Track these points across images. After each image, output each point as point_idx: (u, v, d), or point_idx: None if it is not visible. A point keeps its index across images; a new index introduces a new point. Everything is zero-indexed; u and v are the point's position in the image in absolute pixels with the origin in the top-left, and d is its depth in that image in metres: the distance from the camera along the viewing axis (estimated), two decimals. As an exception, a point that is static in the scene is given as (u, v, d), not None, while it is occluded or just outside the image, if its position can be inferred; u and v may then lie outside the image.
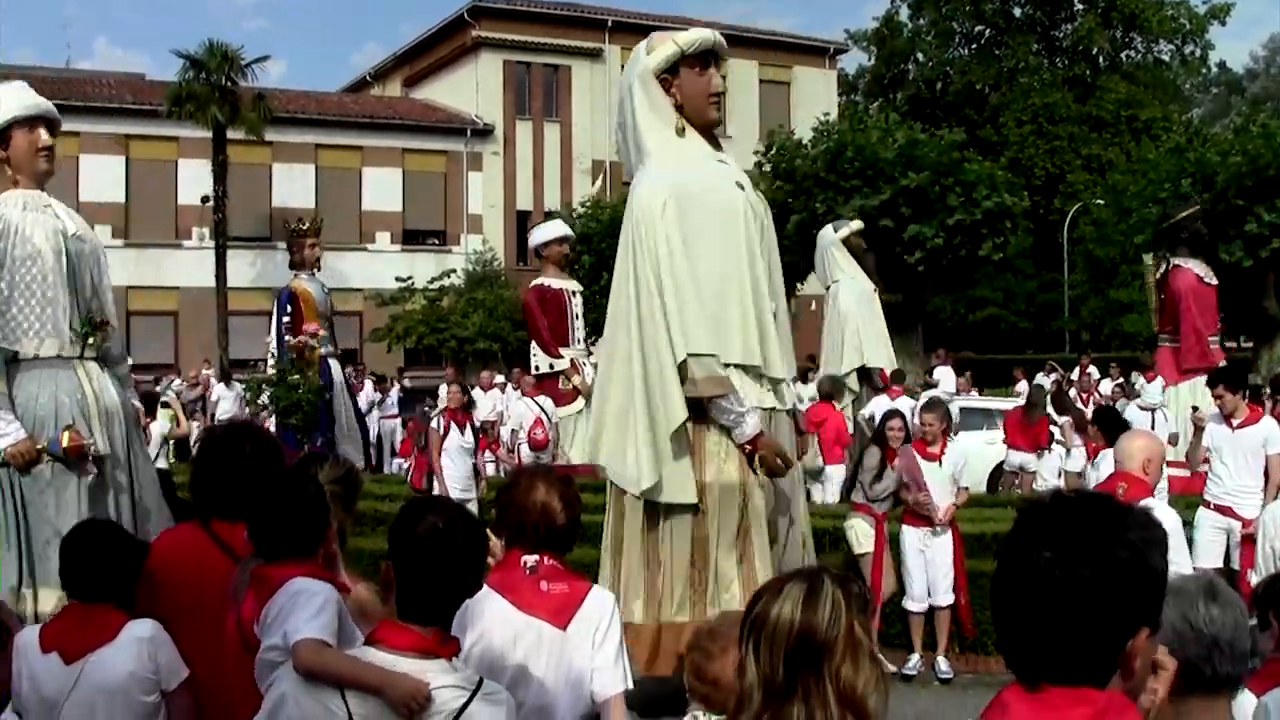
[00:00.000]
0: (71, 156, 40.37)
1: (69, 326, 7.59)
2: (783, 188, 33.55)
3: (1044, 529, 2.30)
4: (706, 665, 3.40)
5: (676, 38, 6.85)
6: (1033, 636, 2.27)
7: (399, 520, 3.43)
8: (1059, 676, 2.26)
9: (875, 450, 10.59)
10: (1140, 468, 7.02)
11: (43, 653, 4.33)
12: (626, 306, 6.76)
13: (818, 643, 2.67)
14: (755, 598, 2.79)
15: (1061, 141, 56.81)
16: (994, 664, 10.39)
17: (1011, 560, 2.32)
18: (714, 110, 6.95)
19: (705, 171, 6.86)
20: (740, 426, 6.49)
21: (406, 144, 45.11)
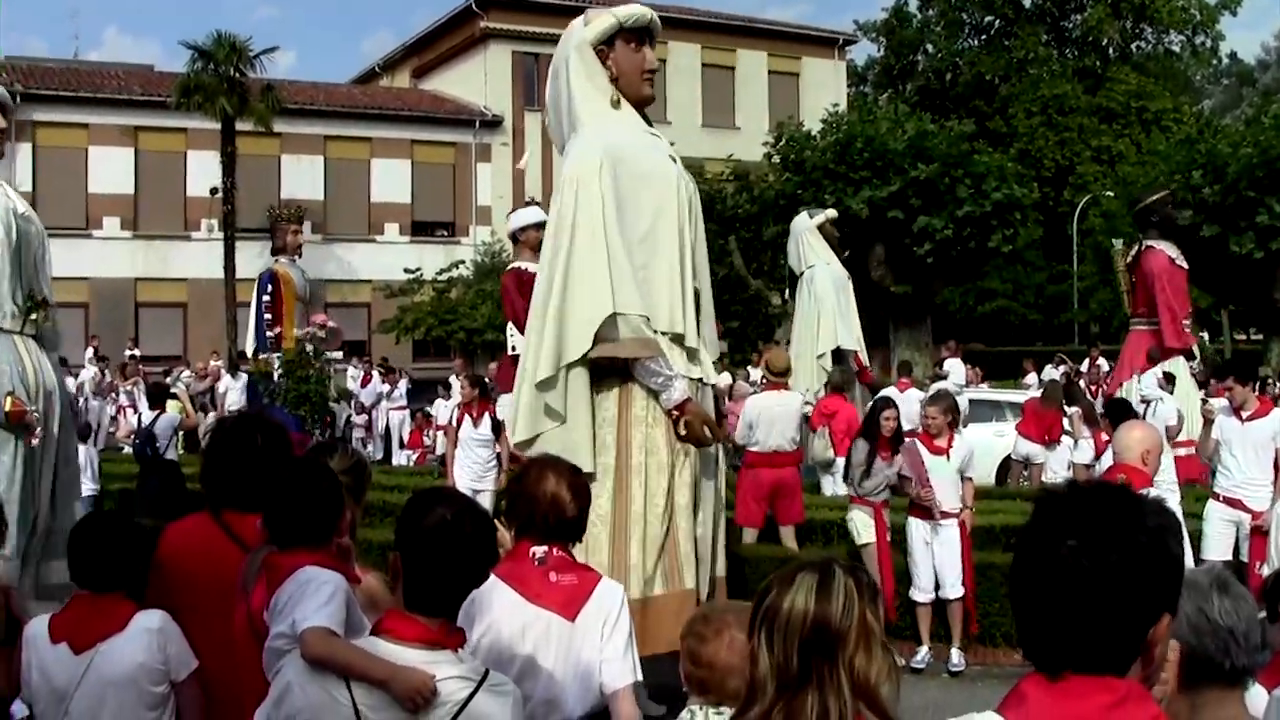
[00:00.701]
0: (80, 148, 40.52)
1: (12, 301, 7.77)
2: (791, 179, 33.51)
3: (1069, 517, 2.29)
4: (701, 649, 3.41)
5: (615, 11, 6.97)
6: (1057, 625, 2.26)
7: (406, 511, 3.43)
8: (1082, 665, 2.26)
9: (862, 444, 10.59)
10: (1139, 459, 7.04)
11: (52, 643, 4.34)
12: (552, 275, 6.70)
13: (831, 632, 2.67)
14: (765, 588, 2.78)
15: (1071, 133, 56.73)
16: (1002, 656, 10.38)
17: (1035, 549, 2.31)
18: (648, 86, 7.09)
19: (639, 140, 6.93)
20: (668, 391, 6.50)
21: (415, 135, 45.09)
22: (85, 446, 15.24)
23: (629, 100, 7.00)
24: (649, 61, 7.02)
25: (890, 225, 31.07)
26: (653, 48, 7.07)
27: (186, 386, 21.75)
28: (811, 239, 16.85)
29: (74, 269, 39.20)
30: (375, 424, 25.08)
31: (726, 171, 37.76)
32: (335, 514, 4.12)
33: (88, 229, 40.64)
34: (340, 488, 4.23)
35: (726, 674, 3.31)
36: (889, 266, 32.29)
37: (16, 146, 38.90)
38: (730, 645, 3.33)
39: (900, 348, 32.58)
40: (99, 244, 40.43)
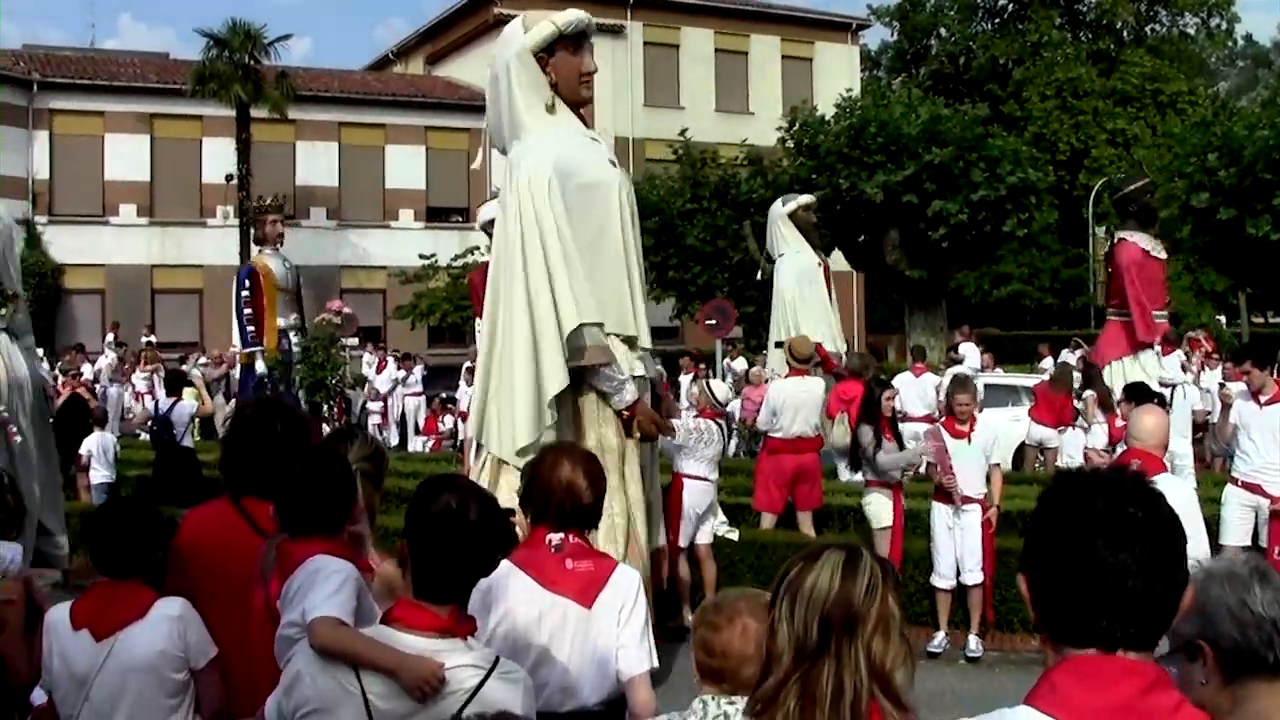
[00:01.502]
0: (96, 136, 40.59)
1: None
2: (805, 164, 33.46)
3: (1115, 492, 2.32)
4: (714, 638, 3.39)
5: (554, 18, 7.11)
6: (1094, 601, 2.27)
7: (414, 498, 3.45)
8: (1120, 642, 2.27)
9: (867, 429, 10.60)
10: (1158, 444, 7.03)
11: (73, 630, 4.36)
12: (510, 283, 6.87)
13: (853, 611, 2.67)
14: (789, 566, 2.79)
15: (1086, 116, 56.48)
16: (1020, 642, 10.38)
17: (1080, 523, 2.30)
18: (586, 89, 7.20)
19: (582, 149, 7.03)
20: (620, 394, 6.71)
21: (429, 121, 45.06)
22: (102, 433, 15.32)
23: (568, 104, 7.11)
24: (586, 65, 7.15)
25: (904, 210, 31.00)
26: (590, 52, 7.21)
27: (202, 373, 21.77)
28: (783, 227, 16.79)
29: (91, 256, 39.44)
30: (391, 410, 25.13)
31: (740, 156, 37.68)
32: (347, 502, 4.13)
33: (104, 216, 40.76)
34: (352, 476, 4.24)
35: (741, 662, 3.30)
36: (903, 251, 32.24)
37: (34, 134, 39.14)
38: (744, 633, 3.31)
39: (915, 332, 32.54)
40: (115, 231, 40.54)
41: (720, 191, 35.54)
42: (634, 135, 46.95)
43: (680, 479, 10.94)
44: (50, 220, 39.84)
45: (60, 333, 37.72)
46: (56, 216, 39.99)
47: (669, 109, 46.33)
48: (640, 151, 46.52)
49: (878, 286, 49.75)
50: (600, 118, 46.41)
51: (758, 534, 11.69)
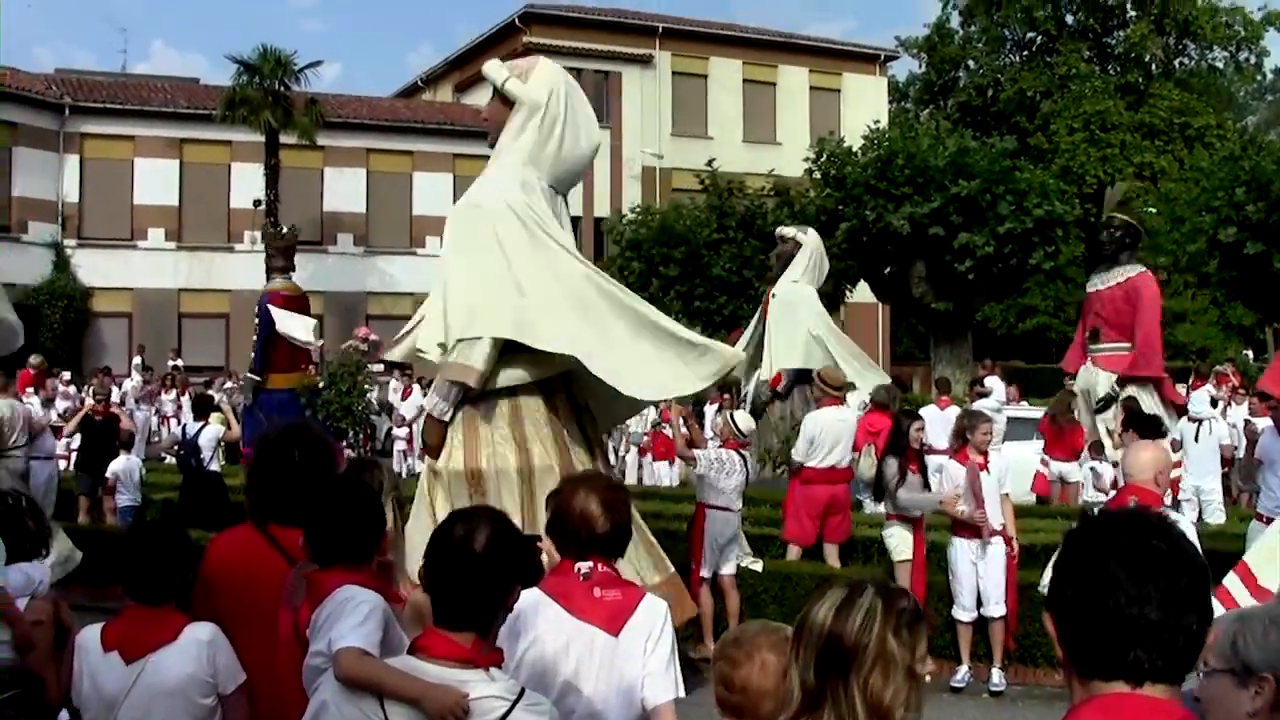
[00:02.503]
0: (126, 160, 40.84)
1: None
2: (832, 195, 33.48)
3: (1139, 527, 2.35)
4: (733, 673, 3.37)
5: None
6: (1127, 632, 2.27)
7: (436, 528, 3.48)
8: (1148, 675, 2.27)
9: (892, 460, 10.56)
10: (1152, 480, 7.03)
11: (104, 652, 4.40)
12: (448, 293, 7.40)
13: (845, 648, 2.67)
14: (807, 607, 2.80)
15: (1113, 149, 56.38)
16: (1043, 676, 10.32)
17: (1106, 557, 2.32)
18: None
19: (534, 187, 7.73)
20: (435, 404, 7.27)
21: (457, 149, 45.15)
22: (128, 456, 15.39)
23: None
24: None
25: (931, 242, 30.98)
26: None
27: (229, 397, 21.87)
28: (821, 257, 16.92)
29: (119, 279, 39.62)
30: (416, 437, 25.15)
31: (767, 187, 37.73)
32: (375, 533, 4.15)
33: (133, 240, 40.97)
34: (379, 505, 4.26)
35: (760, 698, 3.28)
36: (929, 283, 32.21)
37: (64, 158, 39.39)
38: (763, 668, 3.30)
39: (940, 364, 32.48)
40: (143, 255, 40.74)
41: (747, 222, 35.59)
42: (661, 164, 47.07)
43: (703, 509, 10.95)
44: (79, 243, 40.05)
45: (88, 355, 37.91)
46: (86, 240, 40.21)
47: (697, 139, 46.47)
48: (667, 181, 46.64)
49: (903, 318, 49.73)
50: (628, 146, 46.62)
51: (782, 565, 11.67)
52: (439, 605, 3.37)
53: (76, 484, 15.95)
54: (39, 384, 20.19)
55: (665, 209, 38.66)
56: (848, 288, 36.34)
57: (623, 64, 47.50)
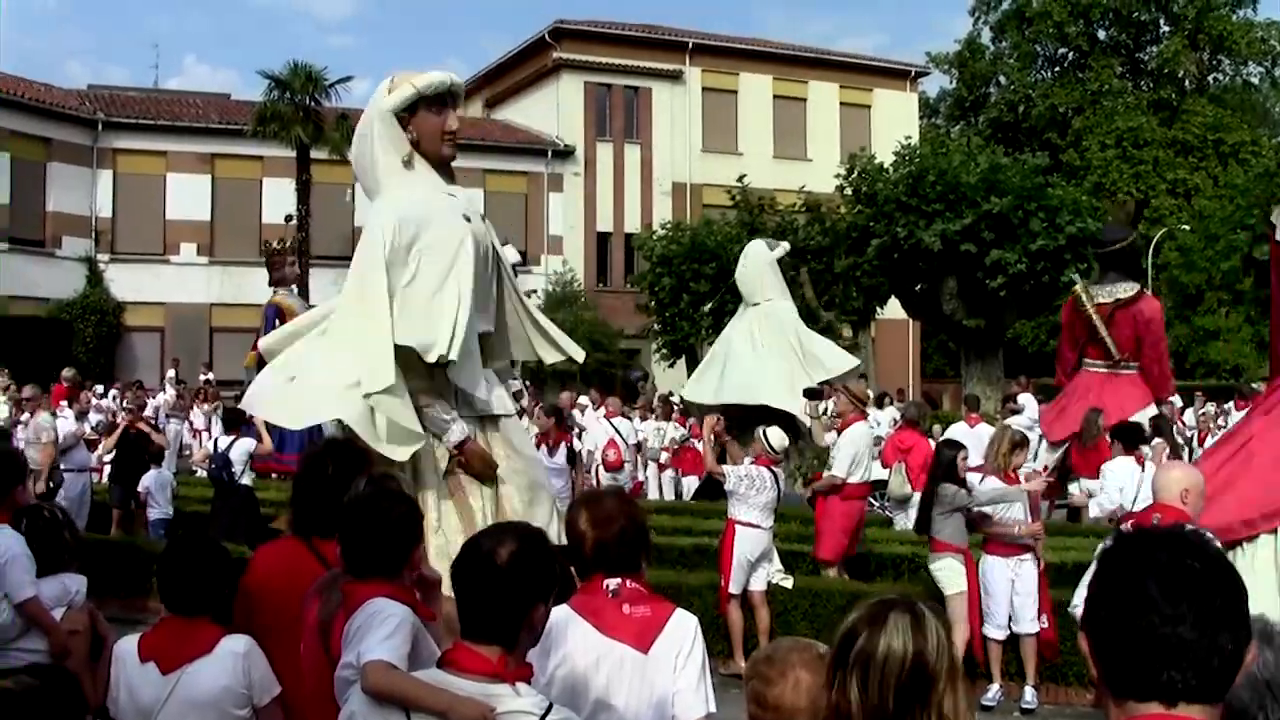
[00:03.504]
0: (158, 175, 41.12)
1: None
2: (863, 211, 33.45)
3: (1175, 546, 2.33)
4: (767, 691, 3.34)
5: (414, 80, 7.25)
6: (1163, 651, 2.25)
7: (465, 542, 3.51)
8: (1183, 695, 2.25)
9: (949, 485, 10.35)
10: (1179, 498, 6.98)
11: (140, 662, 4.43)
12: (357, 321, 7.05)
13: (928, 673, 2.68)
14: (851, 630, 2.76)
15: (1146, 166, 56.20)
16: (1075, 695, 10.26)
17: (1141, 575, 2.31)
18: (448, 147, 7.40)
19: (430, 205, 7.24)
20: (447, 433, 6.86)
21: (488, 165, 45.30)
22: (159, 469, 15.46)
23: (430, 161, 7.33)
24: (449, 124, 7.35)
25: (963, 258, 30.91)
26: (455, 109, 7.44)
27: (260, 411, 21.89)
28: (770, 272, 16.83)
29: (151, 294, 39.88)
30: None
31: (798, 203, 37.69)
32: (406, 545, 4.16)
33: (165, 255, 41.24)
34: (416, 518, 4.27)
35: (794, 715, 3.26)
36: (961, 300, 32.13)
37: (97, 173, 39.68)
38: (796, 686, 3.27)
39: (971, 382, 32.37)
40: (176, 270, 40.99)
41: (777, 237, 35.53)
42: (692, 181, 47.11)
43: (733, 525, 10.93)
44: (112, 258, 40.33)
45: (120, 369, 38.15)
46: (118, 255, 40.48)
47: (727, 155, 46.48)
48: (698, 197, 46.66)
49: (934, 335, 49.60)
50: (658, 163, 46.69)
51: (812, 581, 11.63)
52: (465, 617, 3.38)
53: (110, 496, 16.02)
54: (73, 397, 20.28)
55: (696, 225, 38.68)
56: (878, 305, 36.30)
57: (653, 80, 47.58)
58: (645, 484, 20.57)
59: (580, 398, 25.17)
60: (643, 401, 23.24)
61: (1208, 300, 47.25)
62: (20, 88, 39.27)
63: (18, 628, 5.88)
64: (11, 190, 37.49)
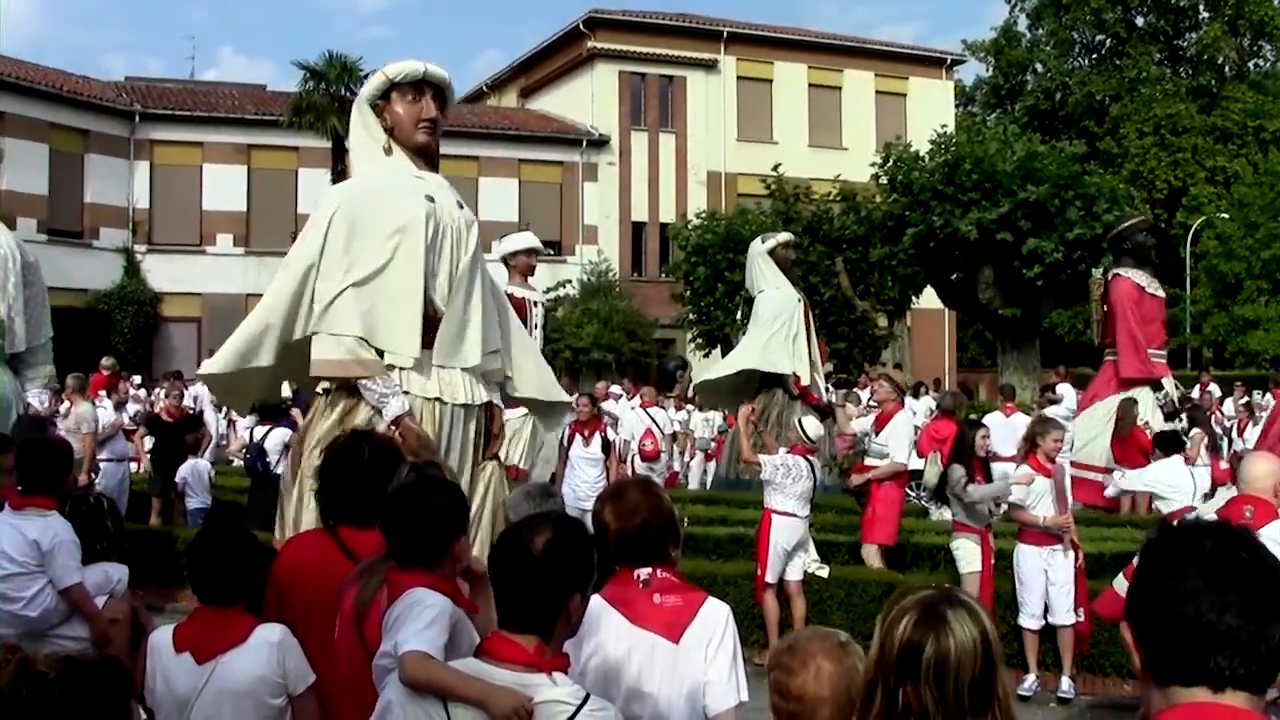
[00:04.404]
0: (195, 166, 41.33)
1: None
2: (899, 200, 33.33)
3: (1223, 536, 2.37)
4: (789, 681, 3.33)
5: (386, 69, 7.44)
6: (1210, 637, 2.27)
7: (503, 531, 3.56)
8: (1230, 681, 2.27)
9: (958, 467, 10.44)
10: (1272, 490, 6.88)
11: (175, 653, 4.46)
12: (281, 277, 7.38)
13: (993, 658, 2.73)
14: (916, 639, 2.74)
15: (1185, 153, 55.75)
16: (1112, 686, 10.21)
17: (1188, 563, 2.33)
18: (422, 133, 7.50)
19: (392, 185, 7.37)
20: (385, 406, 6.90)
21: (522, 154, 45.37)
22: (195, 459, 15.55)
23: (406, 148, 7.46)
24: (425, 111, 7.46)
25: (999, 247, 30.77)
26: (442, 100, 7.59)
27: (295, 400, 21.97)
28: (762, 264, 16.74)
29: (188, 284, 40.11)
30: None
31: (833, 192, 37.58)
32: (446, 535, 4.15)
33: (201, 245, 41.46)
34: (459, 507, 4.27)
35: (816, 705, 3.25)
36: (997, 289, 31.99)
37: (134, 164, 39.91)
38: (818, 676, 3.27)
39: (1008, 371, 32.25)
40: (212, 260, 41.20)
41: (813, 227, 35.47)
42: (726, 170, 47.02)
43: (769, 514, 10.92)
44: (149, 249, 40.58)
45: (158, 359, 38.39)
46: (155, 245, 40.72)
47: (762, 144, 46.37)
48: (733, 186, 46.57)
49: (970, 324, 49.40)
50: (693, 152, 46.63)
51: (848, 571, 11.61)
52: (501, 607, 3.40)
53: (150, 486, 16.13)
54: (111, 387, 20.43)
55: (731, 214, 38.60)
56: (913, 294, 36.18)
57: (687, 69, 47.50)
58: (685, 473, 20.56)
59: (613, 387, 25.17)
60: (678, 391, 23.19)
61: (1247, 289, 46.87)
62: (59, 80, 39.55)
63: (61, 614, 5.94)
64: (50, 182, 37.75)
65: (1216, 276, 48.11)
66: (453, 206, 7.51)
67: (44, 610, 5.88)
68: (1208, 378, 29.13)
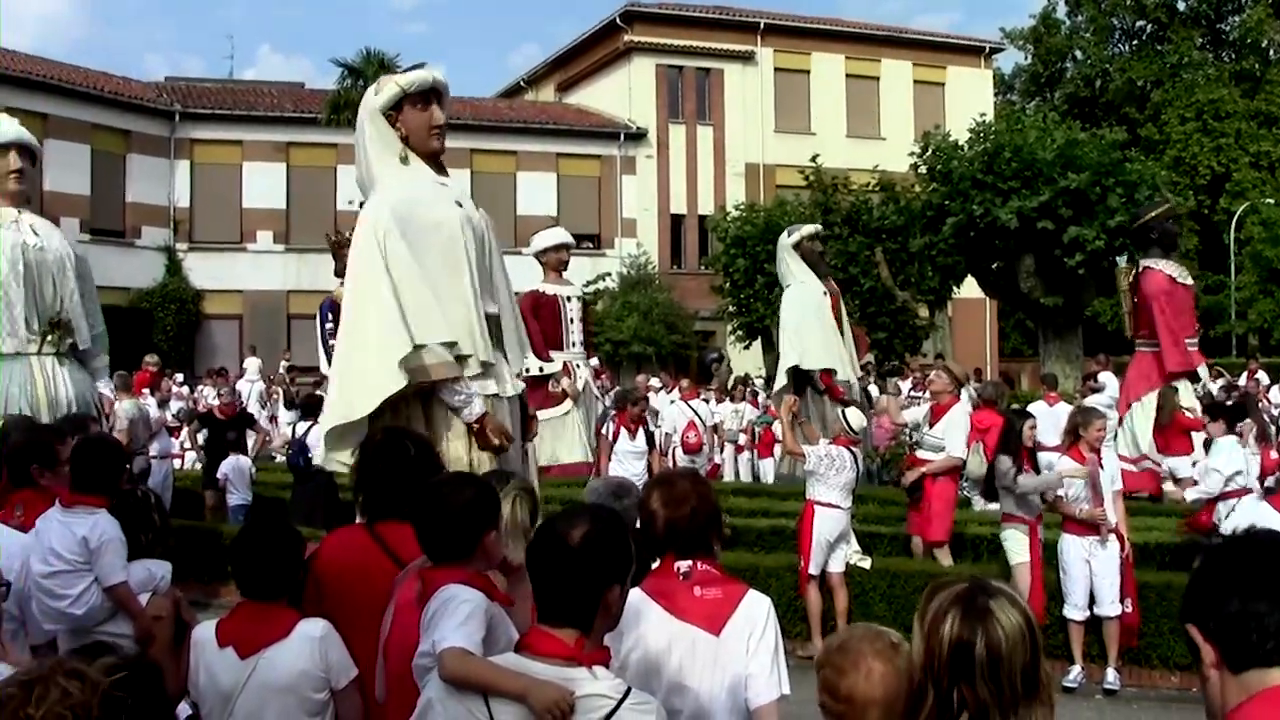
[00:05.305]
0: (234, 164, 41.60)
1: (27, 326, 8.88)
2: (938, 190, 33.13)
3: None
4: (839, 681, 3.29)
5: (398, 79, 7.52)
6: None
7: (540, 525, 3.56)
8: None
9: (1006, 458, 10.32)
10: None
11: (219, 648, 4.49)
12: (366, 307, 7.27)
13: (1037, 641, 2.77)
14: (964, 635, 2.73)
15: (1228, 138, 55.23)
16: (1159, 678, 10.12)
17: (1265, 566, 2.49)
18: (435, 140, 7.62)
19: (424, 194, 7.47)
20: (469, 407, 7.05)
21: (560, 148, 45.42)
22: (237, 456, 15.64)
23: (421, 155, 7.57)
24: (435, 119, 7.56)
25: (1040, 236, 30.55)
26: (442, 105, 7.62)
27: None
28: (789, 258, 16.67)
29: (229, 282, 40.37)
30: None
31: (872, 182, 37.43)
32: (474, 531, 4.16)
33: (241, 243, 41.71)
34: (488, 502, 4.27)
35: (866, 707, 3.21)
36: (1039, 278, 31.76)
37: (175, 163, 40.18)
38: (868, 676, 3.22)
39: (1050, 360, 32.03)
40: (252, 257, 41.45)
41: (852, 218, 35.36)
42: (765, 161, 46.94)
43: (812, 506, 10.88)
44: (190, 247, 40.89)
45: (200, 356, 38.67)
46: (196, 244, 41.02)
47: (800, 135, 46.23)
48: (771, 177, 46.49)
49: (1011, 314, 49.14)
50: (731, 144, 46.57)
51: (890, 562, 11.55)
52: (540, 601, 3.40)
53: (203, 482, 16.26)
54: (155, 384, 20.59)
55: (769, 206, 38.50)
56: (954, 284, 36.00)
57: (724, 61, 47.44)
58: (722, 466, 20.52)
59: (651, 380, 25.16)
60: (717, 384, 23.16)
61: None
62: (100, 81, 39.89)
63: (106, 611, 5.97)
64: (92, 182, 38.05)
65: (1261, 262, 47.66)
66: (473, 210, 7.65)
67: (90, 608, 5.92)
68: (1256, 365, 28.87)
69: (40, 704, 2.44)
